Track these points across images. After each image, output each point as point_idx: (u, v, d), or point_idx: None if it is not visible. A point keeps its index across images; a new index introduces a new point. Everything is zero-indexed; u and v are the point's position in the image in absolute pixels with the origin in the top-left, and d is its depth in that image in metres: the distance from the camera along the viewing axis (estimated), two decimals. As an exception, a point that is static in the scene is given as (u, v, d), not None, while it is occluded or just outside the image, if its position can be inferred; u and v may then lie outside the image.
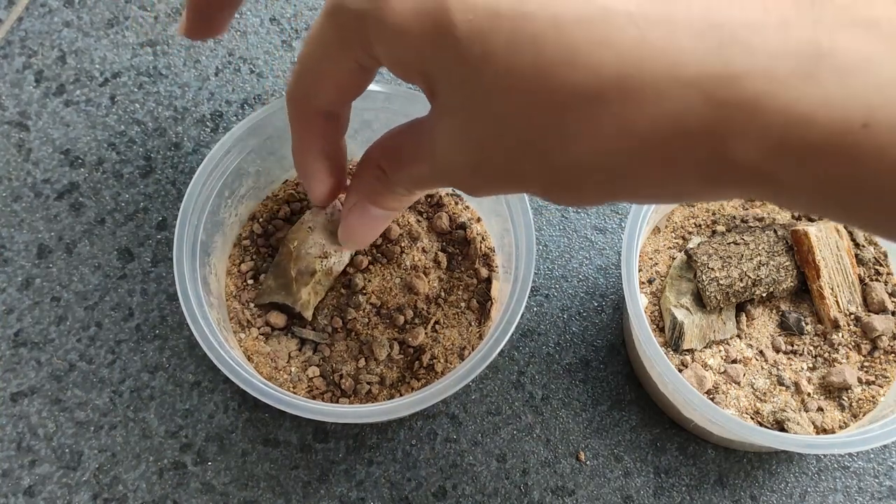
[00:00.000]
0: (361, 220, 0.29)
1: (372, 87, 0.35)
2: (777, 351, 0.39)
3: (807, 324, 0.39)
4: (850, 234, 0.41)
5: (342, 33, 0.23)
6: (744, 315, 0.39)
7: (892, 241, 0.21)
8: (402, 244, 0.39)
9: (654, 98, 0.19)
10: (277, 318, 0.38)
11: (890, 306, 0.39)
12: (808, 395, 0.38)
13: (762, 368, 0.39)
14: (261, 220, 0.41)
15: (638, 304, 0.36)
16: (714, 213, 0.42)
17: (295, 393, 0.37)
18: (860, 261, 0.40)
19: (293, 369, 0.38)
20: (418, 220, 0.40)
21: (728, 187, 0.20)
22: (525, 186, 0.23)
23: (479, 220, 0.41)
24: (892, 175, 0.17)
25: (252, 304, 0.39)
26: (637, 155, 0.20)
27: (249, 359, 0.38)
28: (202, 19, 0.34)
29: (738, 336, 0.39)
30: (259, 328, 0.38)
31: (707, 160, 0.19)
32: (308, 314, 0.38)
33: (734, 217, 0.41)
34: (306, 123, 0.28)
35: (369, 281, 0.38)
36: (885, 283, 0.40)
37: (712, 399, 0.38)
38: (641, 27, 0.19)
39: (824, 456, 0.40)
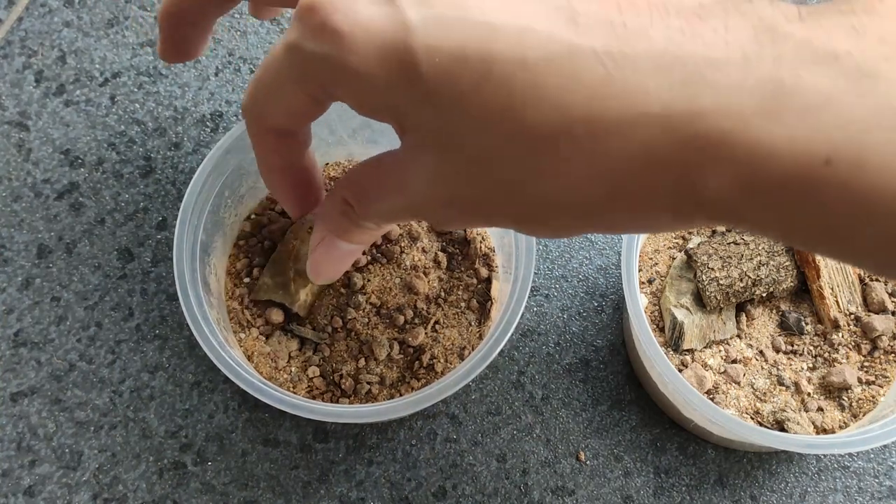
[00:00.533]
0: (328, 254, 0.29)
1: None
2: (777, 351, 0.39)
3: (807, 324, 0.39)
4: (850, 234, 0.41)
5: (299, 71, 0.23)
6: (744, 315, 0.39)
7: (863, 269, 0.21)
8: (402, 244, 0.39)
9: (620, 136, 0.19)
10: (276, 315, 0.38)
11: (890, 306, 0.39)
12: (808, 395, 0.38)
13: (762, 368, 0.39)
14: (253, 216, 0.41)
15: (638, 304, 0.36)
16: (714, 213, 0.42)
17: (295, 393, 0.37)
18: (860, 261, 0.40)
19: (293, 369, 0.38)
20: (418, 220, 0.40)
21: (699, 221, 0.20)
22: (497, 221, 0.23)
23: (479, 220, 0.41)
24: (854, 211, 0.18)
25: (248, 301, 0.39)
26: (607, 192, 0.20)
27: (249, 359, 0.38)
28: (173, 42, 0.34)
29: (738, 336, 0.39)
30: (259, 328, 0.38)
31: (675, 196, 0.19)
32: (304, 313, 0.38)
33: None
34: (260, 139, 0.27)
35: (369, 281, 0.38)
36: (885, 283, 0.40)
37: (712, 399, 0.38)
38: (606, 65, 0.19)
39: (824, 456, 0.40)
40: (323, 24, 0.21)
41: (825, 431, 0.37)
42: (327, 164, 0.42)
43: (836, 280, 0.39)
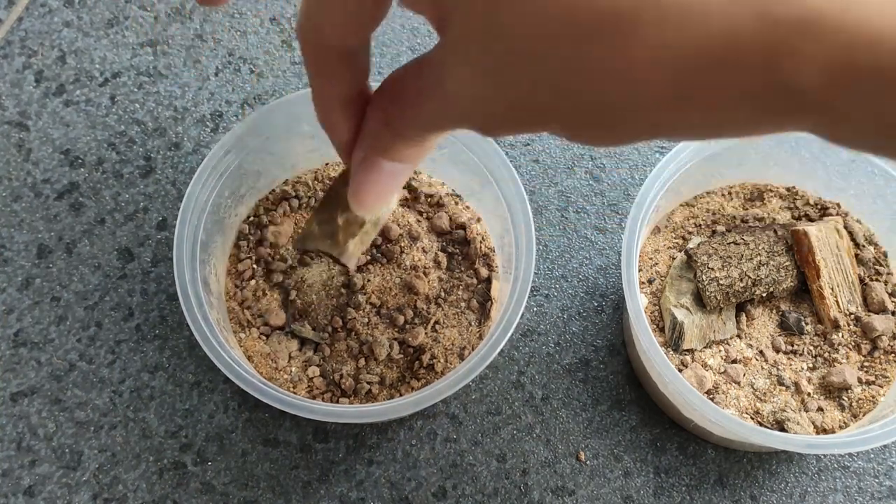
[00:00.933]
0: (371, 176, 0.26)
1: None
2: (777, 351, 0.39)
3: (807, 324, 0.39)
4: (850, 234, 0.41)
5: None
6: (744, 315, 0.39)
7: None
8: (402, 244, 0.39)
9: (698, 18, 0.17)
10: (276, 318, 0.38)
11: (890, 306, 0.39)
12: (808, 395, 0.38)
13: (762, 368, 0.39)
14: (253, 217, 0.40)
15: (638, 304, 0.36)
16: (714, 213, 0.42)
17: (295, 393, 0.37)
18: (860, 261, 0.40)
19: (293, 369, 0.38)
20: (418, 220, 0.40)
21: (779, 119, 0.18)
22: (547, 124, 0.21)
23: (479, 219, 0.41)
24: None
25: (293, 249, 0.37)
26: (678, 86, 0.18)
27: (249, 359, 0.38)
28: None
29: (738, 336, 0.39)
30: (259, 328, 0.38)
31: (759, 88, 0.17)
32: (353, 265, 0.36)
33: (734, 217, 0.41)
34: (320, 64, 0.25)
35: (369, 280, 0.38)
36: (885, 283, 0.40)
37: (712, 399, 0.38)
38: None
39: (824, 456, 0.40)
40: None
41: (825, 431, 0.37)
42: (327, 163, 0.42)
43: (836, 280, 0.39)
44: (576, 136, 0.21)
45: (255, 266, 0.40)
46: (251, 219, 0.41)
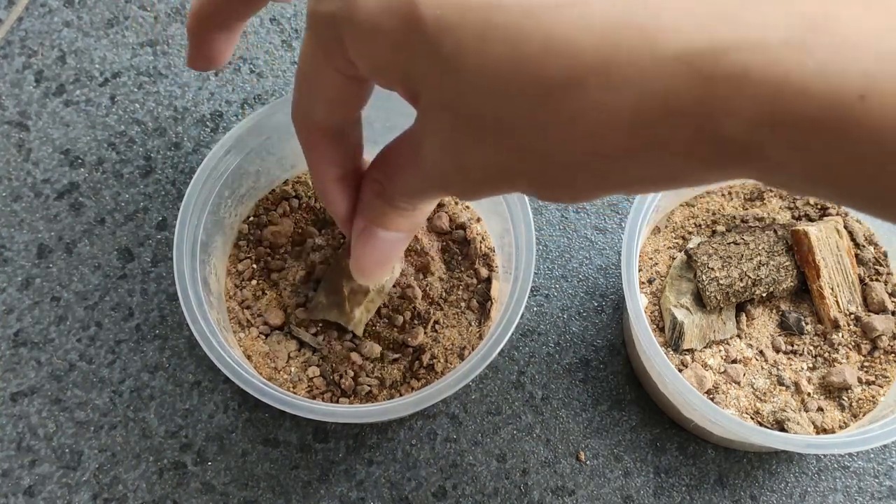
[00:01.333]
0: (367, 246, 0.27)
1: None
2: (777, 351, 0.39)
3: (807, 324, 0.39)
4: (850, 234, 0.41)
5: (320, 41, 0.23)
6: (744, 315, 0.39)
7: (884, 220, 0.20)
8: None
9: (636, 78, 0.18)
10: (275, 317, 0.38)
11: (890, 306, 0.39)
12: (808, 395, 0.38)
13: (762, 368, 0.39)
14: (253, 217, 0.41)
15: (638, 304, 0.36)
16: (714, 213, 0.42)
17: (295, 393, 0.37)
18: (860, 261, 0.40)
19: (293, 369, 0.38)
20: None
21: (718, 168, 0.19)
22: (516, 185, 0.22)
23: (478, 219, 0.41)
24: (888, 148, 0.17)
25: (304, 319, 0.38)
26: (625, 140, 0.19)
27: (249, 359, 0.38)
28: (202, 50, 0.34)
29: (738, 336, 0.39)
30: (259, 327, 0.38)
31: (695, 139, 0.18)
32: (360, 331, 0.37)
33: (734, 217, 0.41)
34: (312, 145, 0.27)
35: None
36: (885, 283, 0.40)
37: (712, 399, 0.38)
38: (619, 8, 0.18)
39: (824, 456, 0.40)
40: None
41: (825, 431, 0.37)
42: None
43: (836, 280, 0.39)
44: (542, 193, 0.22)
45: (254, 266, 0.40)
46: (251, 219, 0.41)
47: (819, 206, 0.42)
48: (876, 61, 0.16)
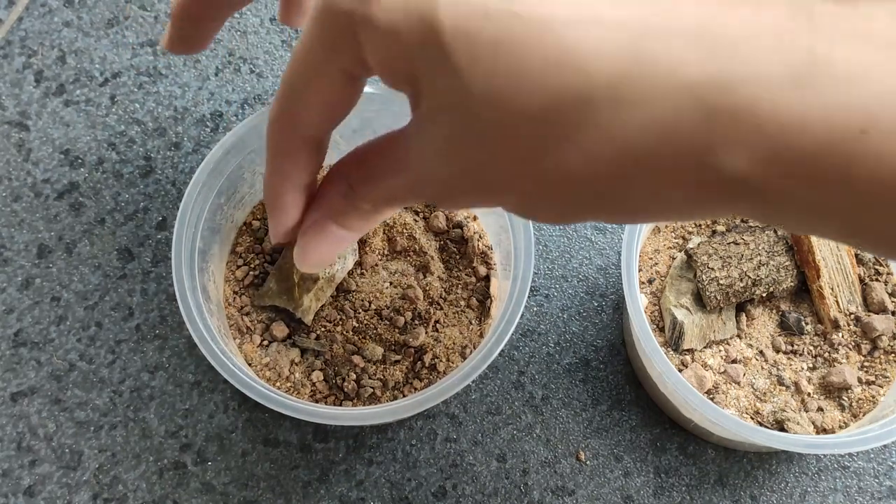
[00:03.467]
0: (319, 239, 0.27)
1: (371, 90, 0.35)
2: (777, 351, 0.39)
3: (807, 324, 0.39)
4: (850, 234, 0.41)
5: (331, 36, 0.22)
6: (744, 315, 0.39)
7: (886, 257, 0.20)
8: (401, 245, 0.39)
9: (644, 103, 0.18)
10: (279, 330, 0.38)
11: (890, 306, 0.39)
12: (808, 395, 0.38)
13: (762, 368, 0.39)
14: (251, 221, 0.41)
15: (638, 304, 0.36)
16: (714, 213, 0.42)
17: (298, 396, 0.37)
18: (860, 261, 0.40)
19: (297, 375, 0.37)
20: (415, 220, 0.40)
21: (718, 202, 0.19)
22: (503, 199, 0.22)
23: (475, 217, 0.41)
24: (889, 184, 0.17)
25: (251, 307, 0.39)
26: (626, 165, 0.19)
27: (250, 365, 0.38)
28: (182, 37, 0.33)
29: (738, 336, 0.39)
30: (260, 334, 0.38)
31: (697, 170, 0.19)
32: (308, 320, 0.38)
33: (734, 217, 0.41)
34: (289, 153, 0.26)
35: (368, 283, 0.38)
36: (885, 283, 0.40)
37: (712, 399, 0.38)
38: (633, 35, 0.18)
39: (824, 456, 0.40)
40: None
41: (825, 431, 0.37)
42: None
43: (836, 280, 0.39)
44: (528, 210, 0.22)
45: (252, 272, 0.40)
46: (248, 224, 0.41)
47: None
48: (876, 96, 0.17)
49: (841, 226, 0.19)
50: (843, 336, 0.39)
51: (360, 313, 0.38)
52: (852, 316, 0.39)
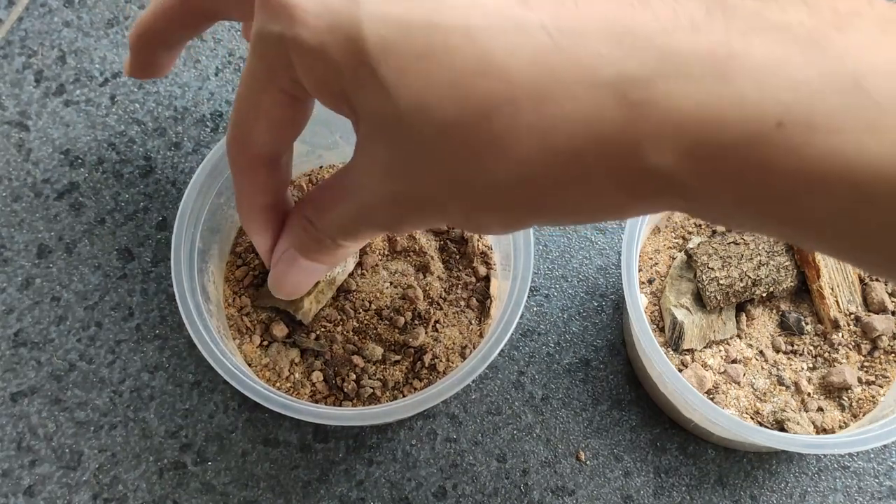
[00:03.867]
0: (289, 270, 0.28)
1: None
2: (777, 351, 0.39)
3: (807, 324, 0.39)
4: (851, 233, 0.41)
5: (267, 59, 0.23)
6: (744, 315, 0.39)
7: (805, 248, 0.20)
8: (401, 245, 0.39)
9: (567, 102, 0.18)
10: (279, 330, 0.38)
11: (890, 306, 0.39)
12: (808, 395, 0.38)
13: (762, 368, 0.39)
14: None
15: (638, 304, 0.36)
16: (714, 213, 0.42)
17: (298, 397, 0.37)
18: (860, 261, 0.40)
19: (297, 376, 0.37)
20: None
21: (646, 199, 0.20)
22: (448, 213, 0.22)
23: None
24: (806, 176, 0.17)
25: (251, 308, 0.39)
26: (556, 168, 0.19)
27: (250, 366, 0.38)
28: (143, 63, 0.34)
29: (738, 336, 0.39)
30: (260, 335, 0.38)
31: (622, 167, 0.19)
32: (307, 321, 0.38)
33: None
34: (247, 173, 0.27)
35: (368, 283, 0.38)
36: (885, 283, 0.40)
37: (712, 399, 0.38)
38: (554, 36, 0.18)
39: (824, 456, 0.40)
40: (278, 1, 0.21)
41: (825, 431, 0.37)
42: (321, 167, 0.42)
43: (836, 280, 0.39)
44: (473, 223, 0.22)
45: (252, 272, 0.40)
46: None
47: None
48: (790, 89, 0.17)
49: (769, 221, 0.19)
50: (843, 336, 0.39)
51: (360, 313, 0.38)
52: (852, 316, 0.39)
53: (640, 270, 0.40)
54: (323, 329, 0.38)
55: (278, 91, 0.23)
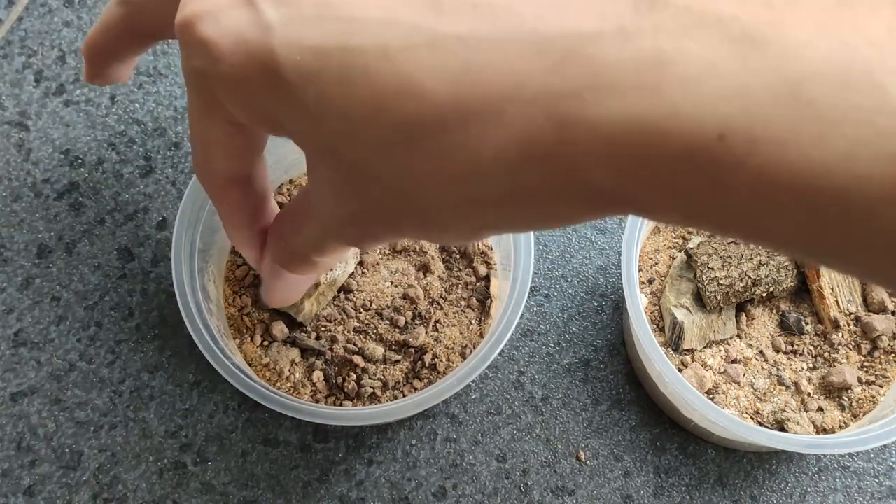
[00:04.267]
0: (276, 283, 0.28)
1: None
2: (777, 351, 0.39)
3: (807, 324, 0.39)
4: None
5: (200, 96, 0.22)
6: (744, 315, 0.39)
7: (788, 256, 0.19)
8: (401, 245, 0.39)
9: (495, 121, 0.17)
10: (279, 330, 0.38)
11: (890, 306, 0.39)
12: (808, 395, 0.38)
13: (762, 368, 0.39)
14: None
15: (638, 304, 0.36)
16: (714, 213, 0.42)
17: (298, 396, 0.37)
18: (860, 261, 0.40)
19: (297, 375, 0.37)
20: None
21: (599, 210, 0.19)
22: (404, 230, 0.22)
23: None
24: (752, 188, 0.16)
25: (251, 307, 0.39)
26: (493, 185, 0.18)
27: (250, 365, 0.38)
28: (97, 72, 0.34)
29: (738, 336, 0.39)
30: (260, 335, 0.38)
31: (564, 185, 0.18)
32: (309, 322, 0.38)
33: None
34: (220, 195, 0.27)
35: (368, 283, 0.38)
36: (885, 282, 0.40)
37: (712, 399, 0.38)
38: (474, 49, 0.17)
39: (824, 456, 0.40)
40: (194, 37, 0.20)
41: (825, 431, 0.37)
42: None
43: (836, 280, 0.39)
44: (429, 238, 0.22)
45: (252, 272, 0.40)
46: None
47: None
48: (726, 98, 0.16)
49: (731, 233, 0.18)
50: (843, 336, 0.39)
51: (360, 313, 0.38)
52: (852, 316, 0.39)
53: (640, 270, 0.40)
54: (323, 329, 0.38)
55: (222, 121, 0.23)
